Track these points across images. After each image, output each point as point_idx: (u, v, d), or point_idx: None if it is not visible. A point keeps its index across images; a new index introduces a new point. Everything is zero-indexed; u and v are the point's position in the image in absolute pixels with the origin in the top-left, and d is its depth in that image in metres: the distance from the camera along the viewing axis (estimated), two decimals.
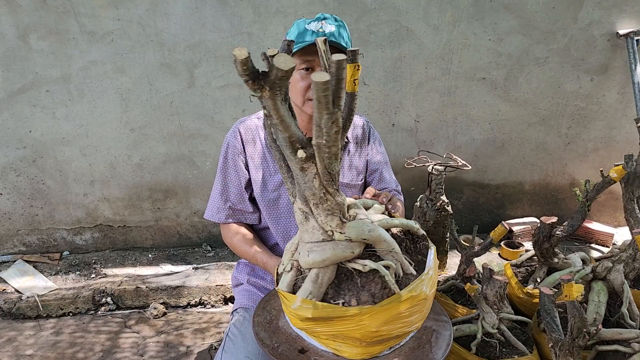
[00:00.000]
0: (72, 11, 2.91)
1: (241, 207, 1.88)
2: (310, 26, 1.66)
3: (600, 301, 2.28)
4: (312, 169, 1.04)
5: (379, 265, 1.13)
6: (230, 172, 1.87)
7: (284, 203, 1.88)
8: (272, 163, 1.86)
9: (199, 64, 3.11)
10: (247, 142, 1.86)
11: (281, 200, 1.88)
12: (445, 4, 3.13)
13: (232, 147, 1.85)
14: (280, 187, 1.87)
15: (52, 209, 3.32)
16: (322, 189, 1.07)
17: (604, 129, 3.54)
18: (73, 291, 2.99)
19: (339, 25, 1.69)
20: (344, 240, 1.12)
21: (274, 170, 1.86)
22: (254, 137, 1.86)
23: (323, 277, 1.13)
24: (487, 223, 3.63)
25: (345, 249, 1.12)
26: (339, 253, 1.12)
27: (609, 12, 3.24)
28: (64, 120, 3.12)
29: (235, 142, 1.84)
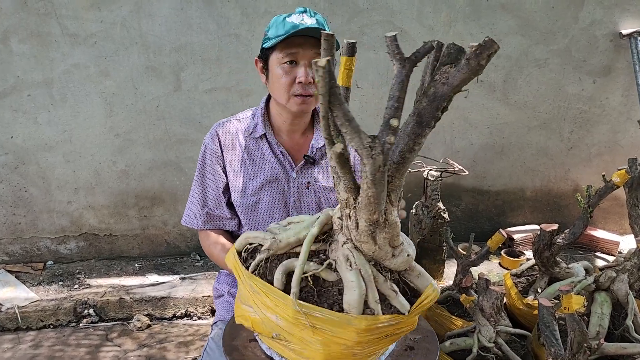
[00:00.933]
0: (53, 13, 2.83)
1: (219, 212, 1.78)
2: (291, 19, 1.59)
3: (603, 313, 2.18)
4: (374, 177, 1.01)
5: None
6: (208, 176, 1.78)
7: (263, 208, 1.78)
8: (251, 167, 1.77)
9: (185, 66, 3.02)
10: (225, 147, 1.77)
11: (260, 205, 1.78)
12: (440, 4, 3.03)
13: (210, 151, 1.76)
14: (259, 192, 1.77)
15: (36, 217, 3.22)
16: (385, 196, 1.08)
17: (607, 133, 3.42)
18: (54, 302, 2.89)
19: (318, 19, 1.62)
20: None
21: (252, 175, 1.76)
22: (233, 140, 1.77)
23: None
24: (487, 231, 3.50)
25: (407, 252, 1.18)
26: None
27: (611, 11, 3.14)
28: (46, 125, 3.03)
29: (213, 146, 1.76)
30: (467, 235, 2.58)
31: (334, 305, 1.11)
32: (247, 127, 1.79)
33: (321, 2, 2.96)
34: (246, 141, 1.78)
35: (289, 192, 1.81)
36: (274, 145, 1.79)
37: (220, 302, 1.94)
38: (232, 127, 1.78)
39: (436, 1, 3.03)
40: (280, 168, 1.79)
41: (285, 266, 1.15)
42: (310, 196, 1.85)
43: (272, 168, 1.78)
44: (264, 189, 1.77)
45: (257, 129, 1.77)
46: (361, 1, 2.99)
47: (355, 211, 1.07)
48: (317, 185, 1.84)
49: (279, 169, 1.79)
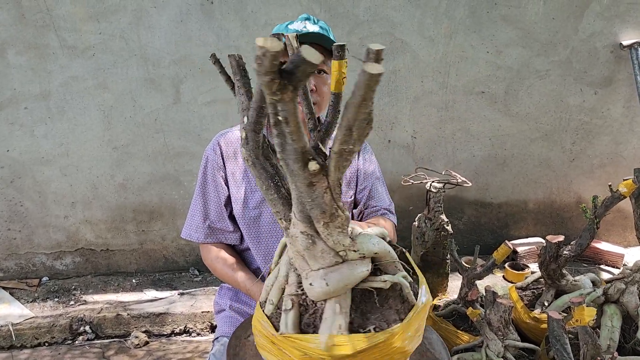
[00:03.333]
0: (51, 25, 2.80)
1: (221, 225, 1.74)
2: (294, 26, 1.59)
3: (613, 326, 2.14)
4: (322, 182, 0.88)
5: (399, 278, 1.00)
6: (210, 188, 1.74)
7: (265, 221, 1.74)
8: (253, 179, 1.72)
9: (184, 79, 2.99)
10: (227, 157, 1.73)
11: (262, 218, 1.74)
12: (440, 16, 3.02)
13: (211, 162, 1.73)
14: (262, 204, 1.73)
15: (31, 232, 3.16)
16: (334, 203, 0.92)
17: (610, 144, 3.40)
18: (50, 319, 2.82)
19: (322, 25, 1.62)
20: (357, 258, 0.99)
21: (255, 187, 1.72)
22: (235, 151, 1.74)
23: (344, 305, 0.99)
24: (490, 244, 3.47)
25: (361, 267, 0.98)
26: (356, 273, 0.98)
27: (611, 22, 3.14)
28: (43, 138, 2.99)
29: (215, 157, 1.72)
30: (470, 248, 2.55)
31: None
32: None
33: (322, 13, 2.95)
34: (248, 154, 1.74)
35: None
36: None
37: (222, 317, 1.89)
38: (234, 137, 1.76)
39: (437, 13, 3.03)
40: None
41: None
42: None
43: None
44: (265, 202, 1.73)
45: None
46: (362, 13, 2.98)
47: None
48: None
49: None
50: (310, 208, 0.91)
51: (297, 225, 0.96)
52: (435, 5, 3.00)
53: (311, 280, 0.99)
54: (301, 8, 2.93)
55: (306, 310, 1.02)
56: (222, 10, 2.89)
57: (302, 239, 0.97)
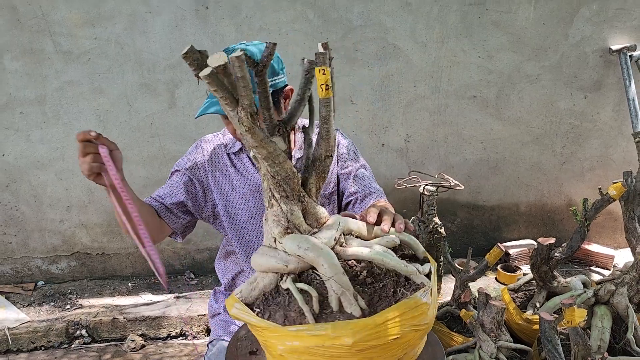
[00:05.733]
0: (47, 30, 2.82)
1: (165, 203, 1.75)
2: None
3: (604, 327, 2.18)
4: (262, 169, 1.02)
5: (292, 286, 1.01)
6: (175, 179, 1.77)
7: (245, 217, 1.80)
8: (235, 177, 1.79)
9: (180, 83, 3.02)
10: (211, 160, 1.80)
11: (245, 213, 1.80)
12: (432, 21, 3.06)
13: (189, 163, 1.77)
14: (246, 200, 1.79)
15: (27, 237, 3.17)
16: (269, 192, 1.04)
17: (600, 148, 3.46)
18: (46, 323, 2.83)
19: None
20: (281, 250, 1.05)
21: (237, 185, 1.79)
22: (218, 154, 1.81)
23: (258, 283, 1.07)
24: (482, 246, 3.51)
25: (279, 260, 1.03)
26: (272, 263, 1.04)
27: (600, 27, 3.19)
28: (38, 143, 3.00)
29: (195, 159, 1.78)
30: (463, 250, 2.59)
31: None
32: (230, 140, 1.83)
33: (315, 18, 2.98)
34: (229, 155, 1.81)
35: None
36: (252, 158, 1.79)
37: (216, 320, 1.92)
38: (218, 140, 1.83)
39: (429, 18, 3.07)
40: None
41: None
42: None
43: (254, 179, 1.79)
44: (247, 199, 1.78)
45: (235, 144, 1.81)
46: (355, 18, 3.02)
47: None
48: None
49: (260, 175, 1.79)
50: None
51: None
52: (427, 10, 3.05)
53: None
54: (295, 13, 2.96)
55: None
56: (216, 16, 2.92)
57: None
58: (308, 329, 0.95)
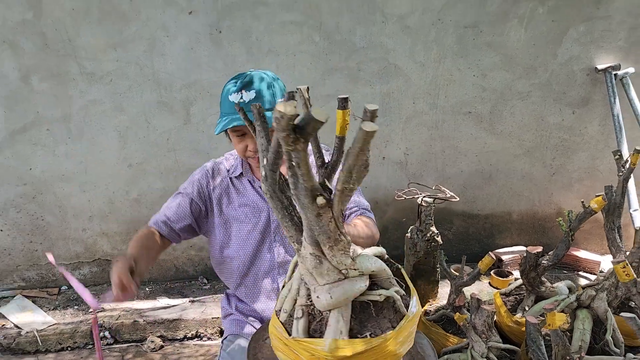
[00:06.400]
0: (72, 54, 3.03)
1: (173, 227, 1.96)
2: (232, 97, 1.78)
3: (585, 329, 2.33)
4: (328, 213, 1.07)
5: (392, 292, 1.22)
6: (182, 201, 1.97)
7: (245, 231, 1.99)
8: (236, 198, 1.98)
9: (194, 101, 3.22)
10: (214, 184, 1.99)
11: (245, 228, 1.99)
12: (430, 43, 3.27)
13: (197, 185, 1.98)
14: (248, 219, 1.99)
15: (51, 245, 3.38)
16: (337, 230, 1.11)
17: (587, 160, 3.66)
18: (71, 326, 3.04)
19: (259, 90, 1.79)
20: (357, 275, 1.20)
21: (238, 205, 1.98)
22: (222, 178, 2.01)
23: (345, 315, 1.20)
24: (477, 252, 3.71)
25: (360, 283, 1.20)
26: (356, 288, 1.20)
27: (587, 48, 3.39)
28: (63, 157, 3.21)
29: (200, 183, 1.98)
30: (459, 256, 2.77)
31: None
32: (230, 164, 2.02)
33: (321, 41, 3.19)
34: (231, 179, 2.00)
35: (269, 220, 2.00)
36: (251, 181, 2.00)
37: (229, 320, 2.11)
38: (223, 167, 2.03)
39: (426, 40, 3.27)
40: (262, 201, 1.99)
41: None
42: None
43: (253, 201, 1.98)
44: (248, 219, 1.98)
45: (236, 169, 1.99)
46: (358, 40, 3.22)
47: None
48: None
49: (260, 201, 1.99)
50: (317, 234, 1.11)
51: (307, 248, 1.16)
52: (425, 33, 3.25)
53: (318, 294, 1.19)
54: (302, 36, 3.17)
55: (314, 318, 1.24)
56: (229, 39, 3.12)
57: (311, 259, 1.17)
58: (407, 318, 1.24)
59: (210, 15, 3.03)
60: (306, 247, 1.16)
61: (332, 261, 1.17)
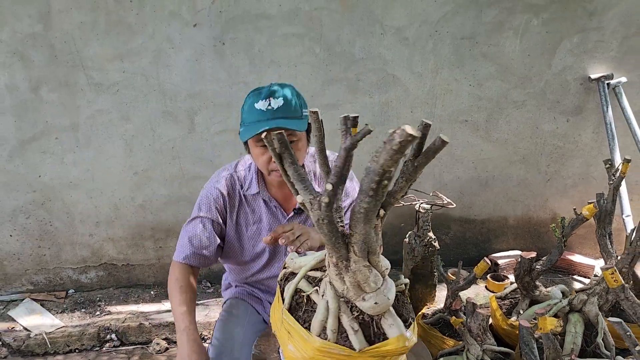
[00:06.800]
0: (80, 65, 3.12)
1: (202, 254, 1.95)
2: (259, 105, 1.72)
3: (576, 332, 2.39)
4: (379, 224, 1.17)
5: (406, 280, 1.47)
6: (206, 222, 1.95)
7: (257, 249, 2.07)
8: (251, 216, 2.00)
9: (198, 111, 3.31)
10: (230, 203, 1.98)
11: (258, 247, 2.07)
12: (427, 54, 3.36)
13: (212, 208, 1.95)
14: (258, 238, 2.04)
15: (59, 249, 3.47)
16: (380, 237, 1.21)
17: (581, 166, 3.75)
18: (79, 328, 3.13)
19: (285, 96, 1.74)
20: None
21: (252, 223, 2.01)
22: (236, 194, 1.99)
23: (393, 310, 1.34)
24: (474, 256, 3.79)
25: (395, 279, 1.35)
26: (399, 282, 1.36)
27: (581, 58, 3.48)
28: (71, 165, 3.30)
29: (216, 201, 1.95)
30: (456, 260, 2.83)
31: (307, 323, 1.30)
32: (243, 180, 1.97)
33: (321, 53, 3.28)
34: (244, 195, 1.97)
35: None
36: (267, 200, 1.99)
37: (229, 291, 2.25)
38: (234, 178, 1.98)
39: (424, 51, 3.36)
40: (274, 218, 2.01)
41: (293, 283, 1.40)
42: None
43: (268, 219, 1.99)
44: (262, 235, 2.01)
45: (251, 186, 1.95)
46: (357, 52, 3.31)
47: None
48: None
49: (273, 219, 2.01)
50: (370, 245, 1.19)
51: (359, 262, 1.20)
52: (423, 44, 3.34)
53: (374, 300, 1.24)
54: (303, 48, 3.26)
55: (367, 326, 1.28)
56: (232, 51, 3.21)
57: (364, 271, 1.22)
58: None
59: (214, 28, 3.12)
60: (358, 261, 1.21)
61: (378, 267, 1.25)
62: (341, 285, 1.26)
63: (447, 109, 3.51)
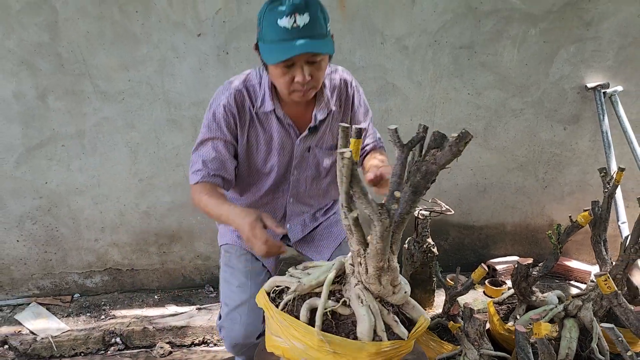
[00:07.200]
0: (87, 73, 3.18)
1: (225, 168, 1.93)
2: (283, 22, 1.60)
3: (572, 337, 2.43)
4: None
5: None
6: (223, 132, 1.91)
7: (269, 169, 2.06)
8: (262, 136, 1.96)
9: (202, 119, 3.36)
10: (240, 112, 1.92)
11: (268, 166, 2.06)
12: (427, 63, 3.42)
13: (226, 110, 1.90)
14: (270, 157, 2.02)
15: (65, 254, 3.53)
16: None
17: (578, 174, 3.81)
18: (84, 332, 3.18)
19: (311, 11, 1.62)
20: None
21: (264, 142, 1.98)
22: (246, 110, 1.91)
23: None
24: (472, 262, 3.85)
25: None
26: None
27: (578, 67, 3.54)
28: (77, 172, 3.36)
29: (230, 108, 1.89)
30: (455, 266, 2.89)
31: (349, 334, 1.44)
32: (254, 97, 1.87)
33: None
34: (256, 113, 1.89)
35: (292, 156, 2.00)
36: (282, 118, 1.91)
37: (226, 234, 2.26)
38: (244, 98, 1.90)
39: (423, 60, 3.42)
40: (287, 136, 1.95)
41: (309, 304, 1.49)
42: (310, 158, 2.06)
43: (279, 137, 1.93)
44: (273, 155, 1.97)
45: (265, 103, 1.86)
46: (357, 60, 3.37)
47: (365, 259, 1.42)
48: (317, 149, 2.06)
49: (286, 137, 1.95)
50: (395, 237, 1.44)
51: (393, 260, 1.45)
52: (422, 54, 3.40)
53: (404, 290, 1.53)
54: None
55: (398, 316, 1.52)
56: (235, 60, 3.27)
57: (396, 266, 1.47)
58: None
59: (218, 37, 3.19)
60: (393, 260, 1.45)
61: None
62: (378, 287, 1.44)
63: (446, 117, 3.57)
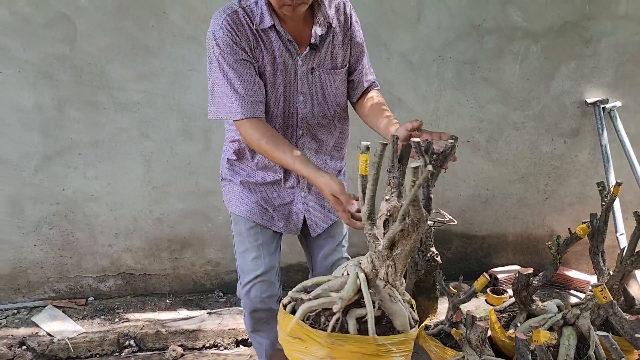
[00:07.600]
0: (104, 85, 3.29)
1: (256, 98, 1.87)
2: None
3: (570, 345, 2.49)
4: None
5: None
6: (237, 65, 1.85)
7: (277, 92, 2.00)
8: (264, 54, 1.89)
9: (214, 129, 3.48)
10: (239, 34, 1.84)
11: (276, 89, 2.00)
12: (431, 78, 3.53)
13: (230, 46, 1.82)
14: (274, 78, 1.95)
15: (80, 259, 3.64)
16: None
17: (578, 186, 3.90)
18: (100, 334, 3.28)
19: None
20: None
21: (266, 62, 1.91)
22: (245, 30, 1.85)
23: None
24: (475, 270, 3.92)
25: None
26: None
27: (578, 82, 3.64)
28: (93, 179, 3.47)
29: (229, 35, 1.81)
30: (458, 274, 2.96)
31: (391, 330, 1.59)
32: (252, 15, 1.82)
33: None
34: (256, 31, 1.83)
35: (296, 78, 1.94)
36: (282, 34, 1.85)
37: (228, 190, 2.39)
38: (242, 18, 1.82)
39: (427, 74, 3.53)
40: (288, 55, 1.90)
41: (351, 316, 1.61)
42: (315, 81, 2.00)
43: (281, 55, 1.87)
44: (277, 77, 1.92)
45: (264, 19, 1.80)
46: None
47: (394, 260, 1.55)
48: (320, 70, 2.00)
49: (287, 56, 1.90)
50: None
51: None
52: (427, 69, 3.51)
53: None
54: None
55: None
56: None
57: None
58: None
59: None
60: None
61: None
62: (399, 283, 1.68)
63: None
